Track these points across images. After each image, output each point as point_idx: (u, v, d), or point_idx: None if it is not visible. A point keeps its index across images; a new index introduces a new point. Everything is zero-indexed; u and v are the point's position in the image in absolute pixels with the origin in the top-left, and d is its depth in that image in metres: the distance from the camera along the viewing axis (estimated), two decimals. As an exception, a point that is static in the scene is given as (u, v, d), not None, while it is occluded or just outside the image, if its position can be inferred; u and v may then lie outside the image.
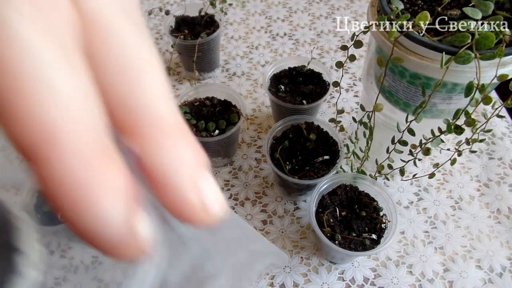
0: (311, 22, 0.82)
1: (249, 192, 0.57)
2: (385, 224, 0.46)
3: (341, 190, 0.48)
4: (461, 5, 0.35)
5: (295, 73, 0.61)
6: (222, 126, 0.53)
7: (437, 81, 0.33)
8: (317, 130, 0.53)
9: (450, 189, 0.56)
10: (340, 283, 0.48)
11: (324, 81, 0.59)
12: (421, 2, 0.37)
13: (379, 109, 0.39)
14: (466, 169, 0.58)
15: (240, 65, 0.74)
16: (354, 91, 0.69)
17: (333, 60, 0.74)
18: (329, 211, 0.46)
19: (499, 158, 0.59)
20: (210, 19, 0.68)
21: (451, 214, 0.54)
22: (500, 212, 0.54)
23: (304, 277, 0.48)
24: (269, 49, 0.77)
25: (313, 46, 0.77)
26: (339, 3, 0.86)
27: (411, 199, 0.55)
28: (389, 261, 0.50)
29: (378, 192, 0.48)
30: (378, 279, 0.48)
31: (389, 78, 0.40)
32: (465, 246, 0.51)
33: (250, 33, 0.80)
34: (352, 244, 0.44)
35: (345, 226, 0.46)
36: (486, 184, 0.57)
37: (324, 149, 0.52)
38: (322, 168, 0.49)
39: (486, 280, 0.48)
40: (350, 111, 0.66)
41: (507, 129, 0.63)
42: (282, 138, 0.53)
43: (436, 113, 0.40)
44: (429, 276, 0.48)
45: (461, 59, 0.30)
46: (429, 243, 0.51)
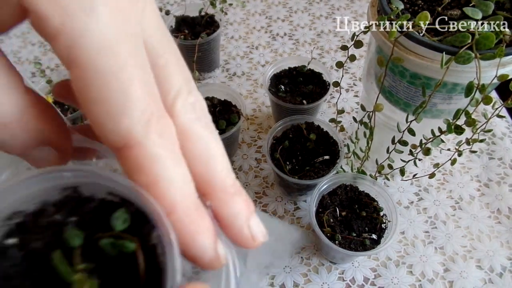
0: (311, 22, 0.82)
1: (249, 192, 0.57)
2: (385, 224, 0.46)
3: (341, 190, 0.48)
4: (461, 5, 0.35)
5: (295, 73, 0.61)
6: (222, 126, 0.53)
7: (437, 81, 0.33)
8: (317, 130, 0.53)
9: (450, 189, 0.56)
10: (340, 283, 0.48)
11: (324, 81, 0.59)
12: (421, 2, 0.37)
13: (379, 109, 0.39)
14: (466, 169, 0.58)
15: (240, 65, 0.74)
16: (354, 91, 0.69)
17: (333, 60, 0.74)
18: (329, 211, 0.46)
19: (499, 158, 0.59)
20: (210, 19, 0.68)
21: (451, 214, 0.54)
22: (500, 212, 0.54)
23: (304, 277, 0.48)
24: (269, 49, 0.77)
25: (313, 46, 0.77)
26: (339, 3, 0.86)
27: (411, 199, 0.55)
28: (389, 261, 0.50)
29: (378, 192, 0.48)
30: (378, 279, 0.48)
31: (389, 78, 0.40)
32: (465, 246, 0.51)
33: (250, 33, 0.80)
34: (352, 244, 0.44)
35: (345, 226, 0.46)
36: (486, 184, 0.57)
37: (324, 149, 0.52)
38: (322, 168, 0.49)
39: (486, 280, 0.48)
40: (350, 111, 0.66)
41: (507, 129, 0.63)
42: (282, 138, 0.53)
43: (436, 113, 0.40)
44: (429, 276, 0.48)
45: (461, 59, 0.30)
46: (429, 243, 0.51)
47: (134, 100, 0.13)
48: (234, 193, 0.16)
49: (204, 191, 0.16)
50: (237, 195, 0.16)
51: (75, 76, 0.13)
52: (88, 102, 0.13)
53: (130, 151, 0.14)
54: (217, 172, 0.16)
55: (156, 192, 0.14)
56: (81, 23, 0.12)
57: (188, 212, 0.14)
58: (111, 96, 0.13)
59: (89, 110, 0.13)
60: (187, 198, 0.15)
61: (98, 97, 0.13)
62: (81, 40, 0.12)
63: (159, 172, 0.14)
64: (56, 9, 0.12)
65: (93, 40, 0.13)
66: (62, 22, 0.12)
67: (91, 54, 0.13)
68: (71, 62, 0.13)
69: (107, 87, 0.13)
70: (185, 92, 0.16)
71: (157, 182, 0.14)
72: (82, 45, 0.12)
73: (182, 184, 0.15)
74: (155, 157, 0.14)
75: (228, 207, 0.16)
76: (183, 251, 0.14)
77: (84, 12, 0.13)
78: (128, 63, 0.13)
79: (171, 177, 0.14)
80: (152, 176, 0.14)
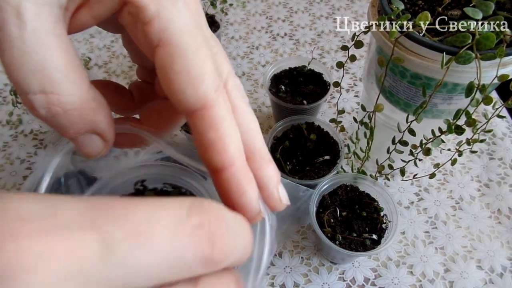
0: (312, 22, 0.82)
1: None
2: (386, 224, 0.46)
3: (342, 190, 0.48)
4: (462, 5, 0.35)
5: (296, 73, 0.61)
6: (222, 126, 0.53)
7: (438, 81, 0.33)
8: (317, 130, 0.53)
9: (451, 189, 0.56)
10: (340, 283, 0.48)
11: (324, 81, 0.59)
12: (422, 2, 0.37)
13: (379, 109, 0.39)
14: (466, 169, 0.58)
15: (241, 65, 0.74)
16: (355, 91, 0.69)
17: (333, 60, 0.74)
18: (330, 211, 0.46)
19: (500, 158, 0.59)
20: (211, 19, 0.68)
21: (451, 214, 0.54)
22: (501, 213, 0.54)
23: (305, 277, 0.48)
24: (270, 49, 0.77)
25: (313, 46, 0.77)
26: (339, 3, 0.86)
27: (412, 199, 0.55)
28: (390, 261, 0.50)
29: (378, 192, 0.48)
30: (378, 279, 0.48)
31: (390, 78, 0.40)
32: (465, 246, 0.51)
33: (250, 33, 0.80)
34: (352, 244, 0.44)
35: (346, 226, 0.46)
36: (487, 184, 0.57)
37: (324, 149, 0.52)
38: (322, 168, 0.49)
39: (486, 281, 0.48)
40: (351, 111, 0.66)
41: (507, 129, 0.63)
42: (282, 138, 0.53)
43: (436, 113, 0.40)
44: (429, 276, 0.48)
45: (461, 60, 0.30)
46: (430, 243, 0.51)
47: (208, 72, 0.17)
48: (269, 160, 0.19)
49: (246, 155, 0.18)
50: (271, 163, 0.20)
51: (164, 52, 0.17)
52: (173, 73, 0.17)
53: (205, 111, 0.17)
54: (258, 141, 0.19)
55: (221, 146, 0.17)
56: (170, 12, 0.17)
57: (243, 166, 0.18)
58: (192, 68, 0.17)
59: (172, 80, 0.17)
60: (242, 154, 0.18)
61: (182, 69, 0.16)
62: (170, 25, 0.16)
63: (225, 129, 0.17)
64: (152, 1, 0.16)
65: (179, 25, 0.17)
66: (156, 10, 0.16)
67: (178, 35, 0.17)
68: (161, 41, 0.16)
69: (189, 61, 0.17)
70: (232, 76, 0.20)
71: (223, 137, 0.17)
72: (171, 28, 0.16)
73: (238, 142, 0.18)
74: (223, 117, 0.17)
75: (264, 171, 0.19)
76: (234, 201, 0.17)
77: (171, 5, 0.17)
78: (202, 44, 0.17)
79: (232, 135, 0.17)
80: (220, 132, 0.17)
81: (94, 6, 0.17)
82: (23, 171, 0.60)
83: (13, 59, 0.15)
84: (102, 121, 0.19)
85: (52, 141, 0.63)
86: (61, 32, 0.16)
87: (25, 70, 0.15)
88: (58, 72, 0.16)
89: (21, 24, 0.15)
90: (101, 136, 0.19)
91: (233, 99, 0.19)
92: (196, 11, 0.18)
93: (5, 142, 0.63)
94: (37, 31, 0.15)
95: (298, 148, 0.52)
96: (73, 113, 0.17)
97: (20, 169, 0.60)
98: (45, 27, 0.16)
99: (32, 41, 0.15)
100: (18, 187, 0.58)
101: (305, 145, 0.52)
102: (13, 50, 0.15)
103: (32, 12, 0.15)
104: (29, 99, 0.16)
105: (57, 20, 0.16)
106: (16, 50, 0.15)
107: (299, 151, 0.52)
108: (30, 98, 0.16)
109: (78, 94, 0.17)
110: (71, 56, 0.17)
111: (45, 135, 0.64)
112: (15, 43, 0.15)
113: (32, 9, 0.15)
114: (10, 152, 0.62)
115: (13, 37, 0.15)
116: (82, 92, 0.17)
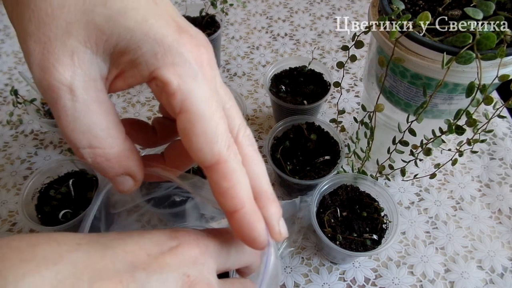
0: (312, 22, 0.82)
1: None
2: (386, 224, 0.46)
3: (342, 190, 0.48)
4: (462, 5, 0.35)
5: (296, 74, 0.61)
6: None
7: (438, 82, 0.33)
8: (318, 130, 0.53)
9: (451, 189, 0.56)
10: (341, 284, 0.48)
11: (325, 82, 0.59)
12: (422, 2, 0.37)
13: (380, 110, 0.39)
14: (467, 170, 0.58)
15: (241, 65, 0.74)
16: (355, 92, 0.69)
17: (334, 61, 0.74)
18: (330, 211, 0.46)
19: (500, 159, 0.59)
20: (211, 19, 0.68)
21: (452, 215, 0.54)
22: (501, 213, 0.54)
23: (305, 278, 0.48)
24: (270, 49, 0.77)
25: (314, 47, 0.77)
26: (340, 4, 0.86)
27: (412, 199, 0.55)
28: (390, 261, 0.50)
29: (379, 192, 0.47)
30: (379, 279, 0.48)
31: (390, 79, 0.40)
32: (466, 246, 0.51)
33: (251, 34, 0.80)
34: (353, 244, 0.44)
35: (346, 227, 0.46)
36: (487, 185, 0.57)
37: (325, 150, 0.51)
38: (323, 168, 0.49)
39: (487, 281, 0.48)
40: (351, 112, 0.66)
41: (508, 130, 0.62)
42: (283, 138, 0.53)
43: (437, 114, 0.40)
44: (430, 276, 0.48)
45: (462, 60, 0.30)
46: (430, 243, 0.51)
47: (221, 133, 0.20)
48: (273, 199, 0.23)
49: (254, 195, 0.22)
50: (275, 202, 0.23)
51: (184, 118, 0.20)
52: (192, 135, 0.20)
53: (219, 166, 0.20)
54: (264, 184, 0.23)
55: (233, 192, 0.21)
56: (190, 85, 0.20)
57: (252, 207, 0.21)
58: (208, 131, 0.20)
59: (192, 140, 0.20)
60: (251, 198, 0.22)
61: (200, 132, 0.20)
62: (190, 95, 0.20)
63: (236, 179, 0.21)
64: (175, 77, 0.20)
65: (198, 96, 0.20)
66: (178, 84, 0.20)
67: (197, 104, 0.20)
68: (182, 109, 0.20)
69: (205, 125, 0.20)
70: (243, 127, 0.23)
71: (235, 186, 0.21)
72: (191, 99, 0.20)
73: (247, 188, 0.22)
74: (234, 170, 0.21)
75: (268, 209, 0.23)
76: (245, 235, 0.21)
77: (191, 79, 0.20)
78: (216, 110, 0.21)
79: (242, 183, 0.21)
80: (232, 182, 0.21)
81: (128, 78, 0.21)
82: (23, 171, 0.60)
83: (68, 123, 0.19)
84: (134, 165, 0.23)
85: (52, 141, 0.63)
86: (103, 98, 0.20)
87: (77, 132, 0.20)
88: (101, 130, 0.20)
89: (73, 98, 0.19)
90: (133, 177, 0.24)
91: (243, 149, 0.22)
92: (212, 77, 0.21)
93: (5, 142, 0.63)
94: (86, 101, 0.19)
95: (298, 148, 0.52)
96: (113, 161, 0.22)
97: (20, 169, 0.60)
98: (91, 97, 0.20)
99: (82, 109, 0.19)
100: (18, 187, 0.58)
101: (305, 145, 0.52)
102: (67, 117, 0.19)
103: (81, 88, 0.19)
104: (80, 152, 0.20)
105: (100, 89, 0.20)
106: (70, 117, 0.19)
107: (300, 151, 0.52)
108: (80, 151, 0.20)
109: (117, 146, 0.21)
110: (112, 116, 0.21)
111: (45, 135, 0.64)
112: (69, 112, 0.19)
113: (81, 85, 0.19)
114: (10, 152, 0.62)
115: (67, 107, 0.19)
116: (119, 144, 0.22)
